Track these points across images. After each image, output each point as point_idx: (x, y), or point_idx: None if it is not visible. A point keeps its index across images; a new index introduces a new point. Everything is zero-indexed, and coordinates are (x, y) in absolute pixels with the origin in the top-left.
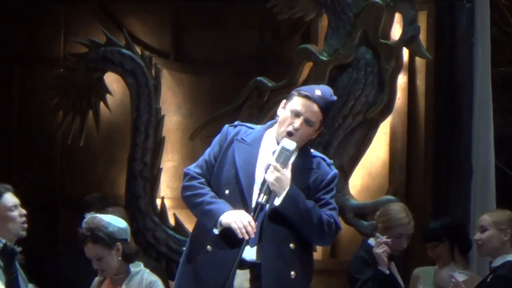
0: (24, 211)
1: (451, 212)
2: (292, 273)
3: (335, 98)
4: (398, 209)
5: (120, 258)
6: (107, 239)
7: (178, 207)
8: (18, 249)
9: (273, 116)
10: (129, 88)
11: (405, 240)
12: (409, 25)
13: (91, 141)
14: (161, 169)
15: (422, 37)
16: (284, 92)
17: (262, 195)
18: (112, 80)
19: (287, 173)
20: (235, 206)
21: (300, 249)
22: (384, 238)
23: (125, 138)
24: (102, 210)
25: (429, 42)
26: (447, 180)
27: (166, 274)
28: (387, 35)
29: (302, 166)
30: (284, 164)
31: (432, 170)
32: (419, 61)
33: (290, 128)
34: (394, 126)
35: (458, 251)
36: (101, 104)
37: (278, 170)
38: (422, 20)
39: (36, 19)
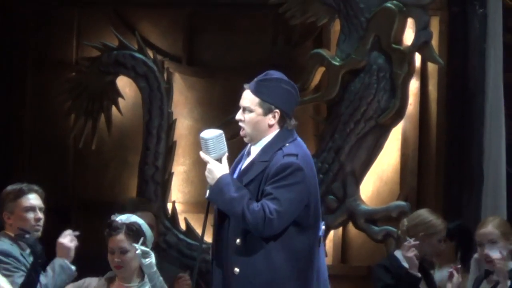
0: (40, 216)
1: (462, 217)
2: (236, 269)
3: (271, 75)
4: (432, 214)
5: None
6: (137, 234)
7: (189, 211)
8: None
9: None
10: (141, 92)
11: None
12: (422, 30)
13: (103, 144)
14: (173, 173)
15: (435, 42)
16: None
17: (206, 189)
18: (124, 83)
19: (218, 164)
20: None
21: (250, 244)
22: (412, 241)
23: (137, 142)
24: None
25: (441, 48)
26: (458, 185)
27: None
28: (399, 40)
29: (258, 159)
30: (208, 152)
31: (443, 175)
32: (431, 67)
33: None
34: (405, 131)
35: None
36: (113, 107)
37: (207, 162)
38: (435, 25)
39: (49, 22)
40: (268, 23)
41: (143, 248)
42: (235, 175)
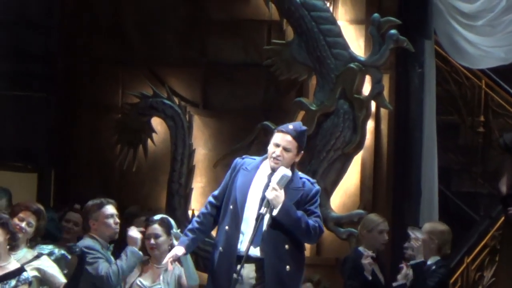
0: (118, 220)
1: (406, 223)
2: (287, 267)
3: (304, 128)
4: (373, 215)
5: (169, 247)
6: (168, 225)
7: None
8: (111, 245)
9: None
10: (169, 129)
11: (386, 234)
12: (376, 84)
13: (141, 167)
14: (192, 188)
15: (386, 93)
16: None
17: (263, 207)
18: (157, 123)
19: (282, 192)
20: (235, 217)
21: (293, 249)
22: (370, 253)
23: (166, 165)
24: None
25: (390, 97)
26: (402, 198)
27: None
28: (359, 91)
29: (293, 186)
30: (282, 185)
31: (391, 191)
32: (383, 111)
33: (274, 155)
34: (364, 159)
35: None
36: (149, 140)
37: (276, 190)
38: (386, 80)
39: (101, 76)
40: (263, 78)
41: (176, 231)
42: (253, 178)
